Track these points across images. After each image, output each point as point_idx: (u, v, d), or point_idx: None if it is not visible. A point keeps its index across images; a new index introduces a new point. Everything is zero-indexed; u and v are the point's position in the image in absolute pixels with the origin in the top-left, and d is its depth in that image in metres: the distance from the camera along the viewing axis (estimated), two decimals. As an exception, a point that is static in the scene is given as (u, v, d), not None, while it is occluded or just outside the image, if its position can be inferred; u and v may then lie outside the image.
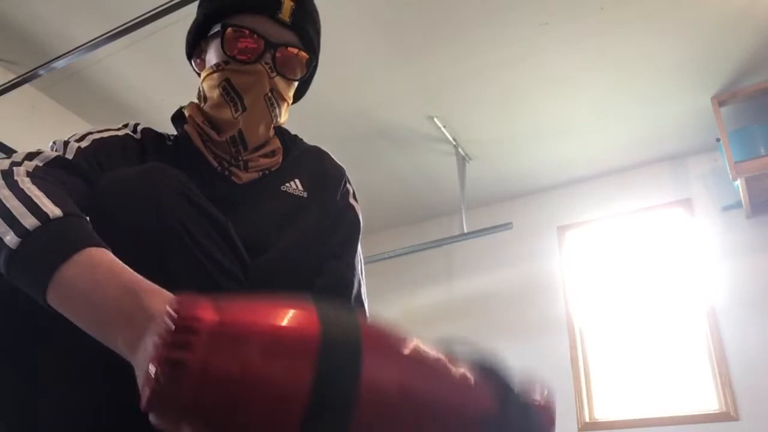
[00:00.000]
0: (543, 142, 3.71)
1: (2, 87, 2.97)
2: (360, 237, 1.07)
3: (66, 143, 0.85)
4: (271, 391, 0.40)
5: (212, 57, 0.96)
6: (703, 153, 3.72)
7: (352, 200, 1.08)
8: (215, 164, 0.96)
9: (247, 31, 0.92)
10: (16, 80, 2.97)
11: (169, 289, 0.60)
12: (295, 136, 1.09)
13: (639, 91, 3.28)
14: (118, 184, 0.75)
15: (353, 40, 2.94)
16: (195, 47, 1.01)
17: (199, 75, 1.02)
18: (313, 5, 1.03)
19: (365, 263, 1.10)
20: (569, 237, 4.04)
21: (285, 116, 1.02)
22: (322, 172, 1.05)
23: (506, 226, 3.60)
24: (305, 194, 1.00)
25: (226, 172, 0.96)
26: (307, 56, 0.99)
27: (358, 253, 1.06)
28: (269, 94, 0.95)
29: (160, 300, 0.52)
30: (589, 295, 3.83)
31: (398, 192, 4.25)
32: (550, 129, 3.59)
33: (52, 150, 0.83)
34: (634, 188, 3.88)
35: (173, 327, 0.40)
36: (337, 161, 1.10)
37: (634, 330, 3.60)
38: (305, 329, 0.42)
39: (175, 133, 1.01)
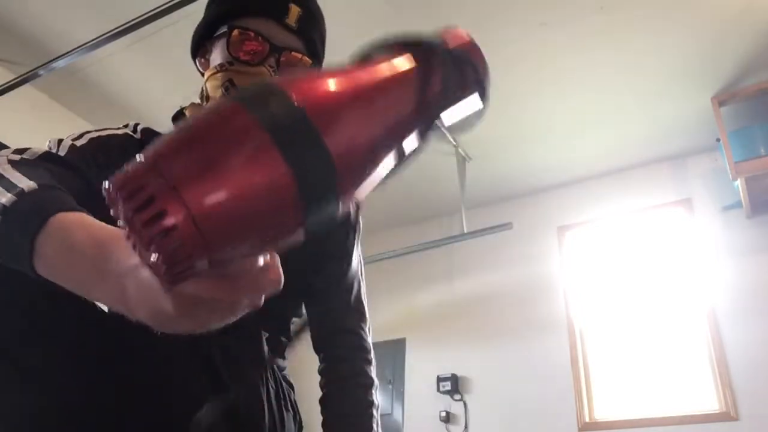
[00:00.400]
0: (543, 142, 3.71)
1: (2, 87, 2.97)
2: (360, 238, 1.07)
3: (60, 141, 0.85)
4: (256, 191, 0.38)
5: (217, 57, 0.96)
6: (703, 153, 3.72)
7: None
8: None
9: (253, 34, 0.93)
10: (16, 80, 2.97)
11: None
12: None
13: (639, 91, 3.28)
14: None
15: (352, 40, 2.93)
16: (200, 47, 1.01)
17: (202, 75, 1.02)
18: (320, 12, 1.04)
19: (365, 263, 1.10)
20: (569, 237, 4.04)
21: None
22: None
23: (506, 226, 3.60)
24: None
25: None
26: (311, 62, 0.99)
27: (357, 255, 1.06)
28: None
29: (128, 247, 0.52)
30: (589, 295, 3.83)
31: (398, 192, 4.25)
32: (550, 129, 3.59)
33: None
34: (634, 188, 3.88)
35: (136, 208, 0.37)
36: None
37: (634, 330, 3.60)
38: (245, 127, 0.39)
39: None
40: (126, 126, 0.97)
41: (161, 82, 3.21)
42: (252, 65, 0.93)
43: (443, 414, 3.85)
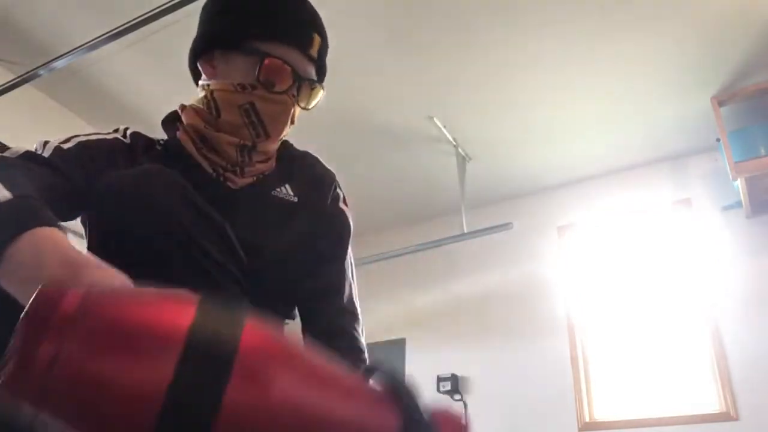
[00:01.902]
0: (543, 142, 3.71)
1: (2, 87, 2.97)
2: (350, 241, 1.07)
3: (46, 143, 0.85)
4: (121, 390, 0.37)
5: (235, 74, 0.94)
6: (703, 153, 3.72)
7: (342, 205, 1.08)
8: (209, 170, 0.96)
9: (284, 64, 0.93)
10: (16, 80, 2.96)
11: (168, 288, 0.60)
12: (285, 141, 1.09)
13: (639, 91, 3.28)
14: (117, 187, 0.76)
15: (353, 41, 2.94)
16: (208, 52, 0.98)
17: (196, 76, 1.01)
18: (327, 40, 1.05)
19: (365, 263, 1.11)
20: (569, 237, 4.04)
21: None
22: (312, 177, 1.06)
23: (506, 226, 3.60)
24: (296, 199, 1.01)
25: (221, 178, 0.96)
26: (322, 89, 1.01)
27: (348, 257, 1.06)
28: (289, 123, 0.98)
29: (98, 273, 0.52)
30: (589, 295, 3.83)
31: (398, 192, 4.25)
32: (550, 129, 3.59)
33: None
34: (634, 188, 3.88)
35: (29, 315, 0.38)
36: (327, 166, 1.10)
37: (634, 330, 3.60)
38: (171, 330, 0.39)
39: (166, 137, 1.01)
40: (116, 131, 0.97)
41: (161, 82, 3.21)
42: (279, 93, 0.94)
43: (443, 414, 3.84)
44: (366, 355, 1.01)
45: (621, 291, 3.74)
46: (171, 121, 1.01)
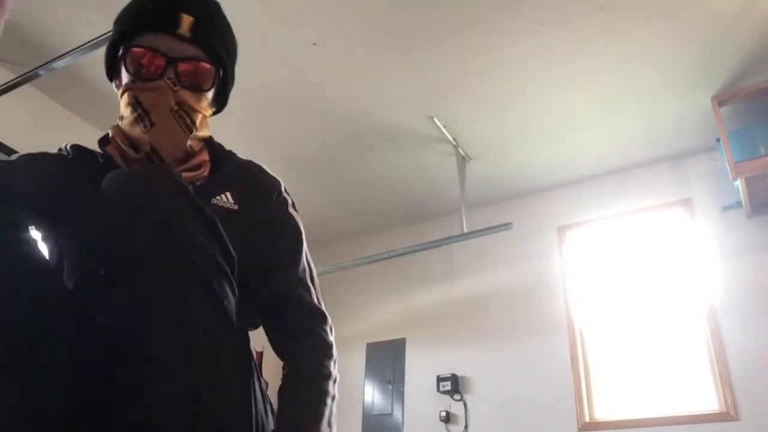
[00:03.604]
0: (543, 142, 3.71)
1: (2, 87, 2.97)
2: (305, 245, 1.07)
3: None
4: None
5: (124, 77, 0.99)
6: (703, 153, 3.72)
7: (291, 210, 1.08)
8: None
9: (148, 50, 0.95)
10: (16, 80, 2.96)
11: (155, 281, 0.68)
12: (229, 151, 1.10)
13: (639, 91, 3.28)
14: (115, 183, 0.79)
15: (353, 41, 2.93)
16: (112, 70, 1.04)
17: None
18: (220, 18, 1.05)
19: (365, 263, 1.11)
20: (569, 237, 4.04)
21: (205, 128, 1.04)
22: (254, 185, 1.06)
23: (506, 226, 3.60)
24: (236, 207, 1.00)
25: None
26: (213, 68, 1.00)
27: (304, 261, 1.06)
28: (176, 108, 0.97)
29: None
30: (589, 295, 3.83)
31: (398, 192, 4.25)
32: (551, 129, 3.59)
33: None
34: (634, 188, 3.88)
35: None
36: (272, 174, 1.10)
37: (634, 330, 3.60)
38: None
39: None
40: (60, 149, 1.03)
41: (161, 82, 3.21)
42: (151, 80, 0.95)
43: (443, 414, 3.85)
44: (333, 351, 1.01)
45: (621, 291, 3.74)
46: (104, 141, 1.04)
